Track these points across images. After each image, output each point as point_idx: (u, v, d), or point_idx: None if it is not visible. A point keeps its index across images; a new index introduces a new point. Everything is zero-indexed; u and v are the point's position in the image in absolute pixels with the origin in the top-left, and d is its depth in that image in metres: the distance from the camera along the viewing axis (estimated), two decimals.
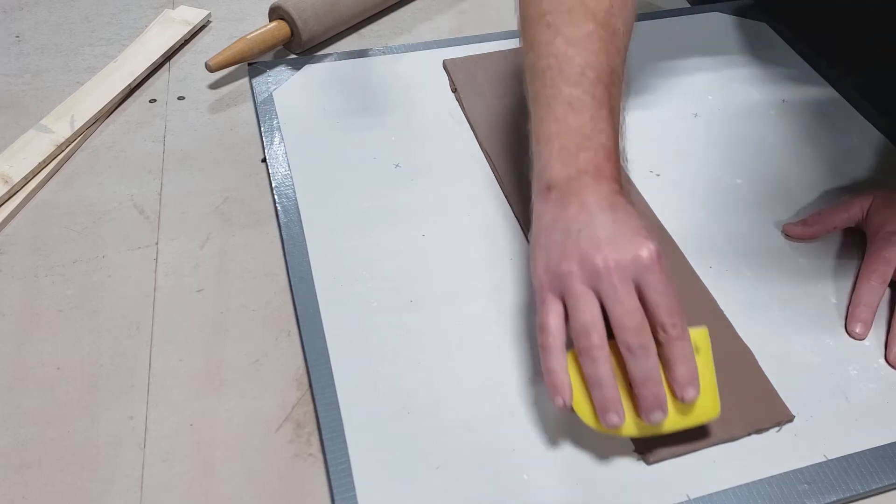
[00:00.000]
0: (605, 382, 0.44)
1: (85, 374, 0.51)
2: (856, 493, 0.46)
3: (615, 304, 0.44)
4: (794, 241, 0.60)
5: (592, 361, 0.44)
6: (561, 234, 0.47)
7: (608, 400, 0.44)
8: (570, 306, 0.45)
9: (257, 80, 0.74)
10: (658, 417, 0.44)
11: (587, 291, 0.45)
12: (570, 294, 0.45)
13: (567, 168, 0.49)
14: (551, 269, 0.46)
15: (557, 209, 0.48)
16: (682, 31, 0.82)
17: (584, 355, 0.45)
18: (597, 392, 0.44)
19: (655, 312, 0.44)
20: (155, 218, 0.62)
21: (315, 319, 0.54)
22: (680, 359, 0.44)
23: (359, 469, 0.46)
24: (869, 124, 0.71)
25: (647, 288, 0.44)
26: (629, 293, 0.44)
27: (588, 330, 0.44)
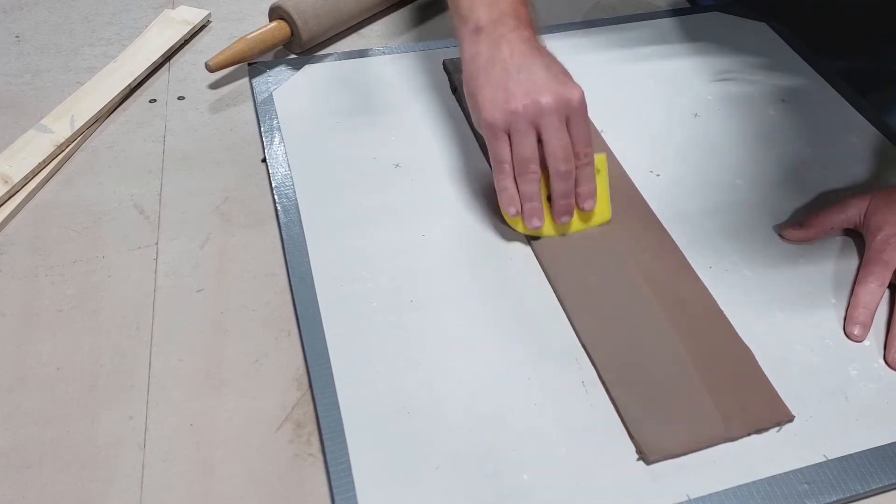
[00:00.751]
0: (535, 197, 0.57)
1: (85, 374, 0.51)
2: (856, 493, 0.46)
3: (553, 139, 0.56)
4: (792, 243, 0.60)
5: (528, 183, 0.57)
6: (500, 74, 0.56)
7: (535, 209, 0.58)
8: (515, 140, 0.56)
9: (257, 80, 0.74)
10: (566, 220, 0.59)
11: (530, 128, 0.56)
12: (516, 130, 0.56)
13: (491, 11, 0.58)
14: (499, 106, 0.56)
15: (491, 50, 0.57)
16: (682, 31, 0.82)
17: (522, 178, 0.57)
18: (527, 204, 0.57)
19: (575, 144, 0.57)
20: (155, 218, 0.62)
21: (315, 319, 0.54)
22: (584, 179, 0.58)
23: (359, 469, 0.46)
24: (869, 124, 0.71)
25: (572, 125, 0.56)
26: (563, 129, 0.56)
27: (529, 161, 0.56)
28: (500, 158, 0.57)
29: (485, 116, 0.56)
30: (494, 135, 0.56)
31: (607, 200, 0.60)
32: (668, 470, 0.47)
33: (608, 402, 0.50)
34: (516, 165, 0.56)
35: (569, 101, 0.55)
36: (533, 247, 0.59)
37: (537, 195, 0.57)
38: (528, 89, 0.55)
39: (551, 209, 0.58)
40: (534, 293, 0.56)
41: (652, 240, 0.60)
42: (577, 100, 0.56)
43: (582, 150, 0.57)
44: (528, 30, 0.58)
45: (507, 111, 0.55)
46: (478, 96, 0.57)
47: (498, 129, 0.56)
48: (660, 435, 0.48)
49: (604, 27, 0.82)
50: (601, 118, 0.70)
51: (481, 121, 0.57)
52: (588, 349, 0.53)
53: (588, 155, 0.57)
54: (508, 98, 0.55)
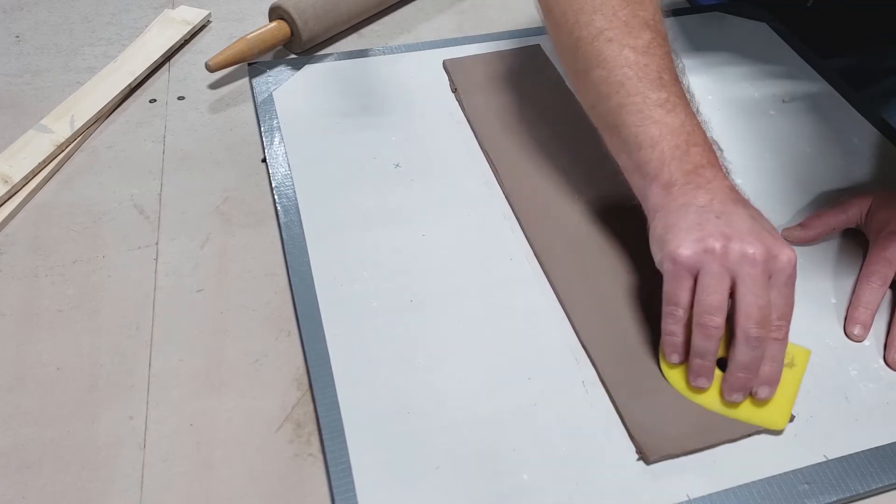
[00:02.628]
0: (709, 356, 0.48)
1: (85, 374, 0.51)
2: (856, 493, 0.46)
3: (750, 294, 0.47)
4: (793, 244, 0.60)
5: (707, 338, 0.47)
6: (697, 217, 0.49)
7: (705, 368, 0.48)
8: (703, 283, 0.47)
9: (257, 80, 0.74)
10: (738, 399, 0.48)
11: (724, 274, 0.47)
12: (707, 272, 0.47)
13: (683, 164, 0.51)
14: (692, 243, 0.47)
15: (685, 198, 0.50)
16: (682, 31, 0.82)
17: (702, 331, 0.47)
18: (697, 360, 0.48)
19: (774, 310, 0.47)
20: (155, 218, 0.62)
21: (315, 319, 0.54)
22: (770, 358, 0.48)
23: (359, 469, 0.46)
24: (869, 124, 0.71)
25: (774, 288, 0.47)
26: (765, 287, 0.47)
27: (714, 312, 0.47)
28: (676, 301, 0.48)
29: (671, 250, 0.48)
30: (677, 272, 0.48)
31: (790, 405, 0.49)
32: (668, 470, 0.47)
33: (608, 402, 0.50)
34: (697, 314, 0.47)
35: (778, 258, 0.47)
36: (533, 247, 0.59)
37: (713, 355, 0.48)
38: (729, 233, 0.47)
39: (723, 382, 0.49)
40: (534, 293, 0.56)
41: None
42: (786, 260, 0.47)
43: (777, 320, 0.47)
44: (728, 179, 0.51)
45: (700, 248, 0.47)
46: (667, 234, 0.49)
47: (682, 267, 0.47)
48: (660, 435, 0.48)
49: None
50: None
51: (666, 254, 0.48)
52: (588, 349, 0.53)
53: (782, 328, 0.48)
54: (705, 236, 0.47)
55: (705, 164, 0.51)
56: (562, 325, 0.54)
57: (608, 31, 0.54)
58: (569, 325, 0.54)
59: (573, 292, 0.56)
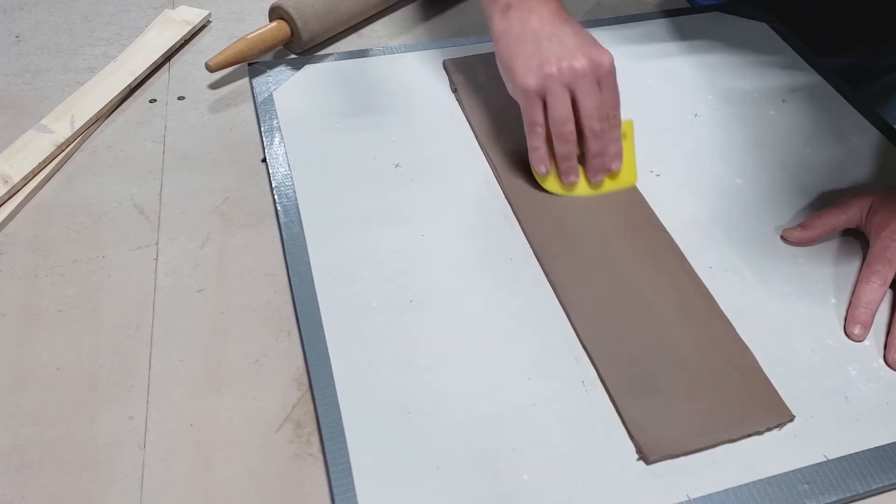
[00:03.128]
0: (572, 156, 0.60)
1: (85, 374, 0.51)
2: (856, 493, 0.47)
3: (587, 99, 0.58)
4: (795, 245, 0.60)
5: (566, 143, 0.60)
6: (532, 44, 0.59)
7: (572, 167, 0.61)
8: (551, 102, 0.58)
9: (257, 80, 0.74)
10: (600, 179, 0.62)
11: (564, 90, 0.58)
12: (552, 93, 0.58)
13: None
14: (534, 72, 0.58)
15: (521, 24, 0.60)
16: (682, 31, 0.82)
17: (560, 138, 0.59)
18: (565, 162, 0.61)
19: (606, 105, 0.59)
20: (155, 218, 0.62)
21: (315, 319, 0.54)
22: (613, 140, 0.61)
23: (359, 469, 0.46)
24: (869, 124, 0.71)
25: (604, 88, 0.59)
26: (597, 91, 0.59)
27: (565, 121, 0.59)
28: (534, 121, 0.59)
29: (520, 82, 0.58)
30: (529, 99, 0.59)
31: (633, 164, 0.63)
32: (668, 470, 0.47)
33: (608, 402, 0.50)
34: (553, 127, 0.59)
35: (600, 65, 0.58)
36: (533, 247, 0.59)
37: (574, 154, 0.60)
38: (561, 54, 0.58)
39: (585, 169, 0.61)
40: (534, 293, 0.56)
41: (652, 240, 0.60)
42: (607, 63, 0.59)
43: (611, 112, 0.59)
44: (556, 2, 0.62)
45: (542, 75, 0.58)
46: (512, 65, 0.59)
47: (532, 93, 0.58)
48: (660, 435, 0.48)
49: (604, 27, 0.82)
50: None
51: (516, 86, 0.59)
52: (588, 349, 0.53)
53: (617, 117, 0.60)
54: (542, 63, 0.58)
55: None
56: (562, 325, 0.54)
57: None
58: (569, 325, 0.54)
59: (573, 292, 0.56)
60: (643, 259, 0.58)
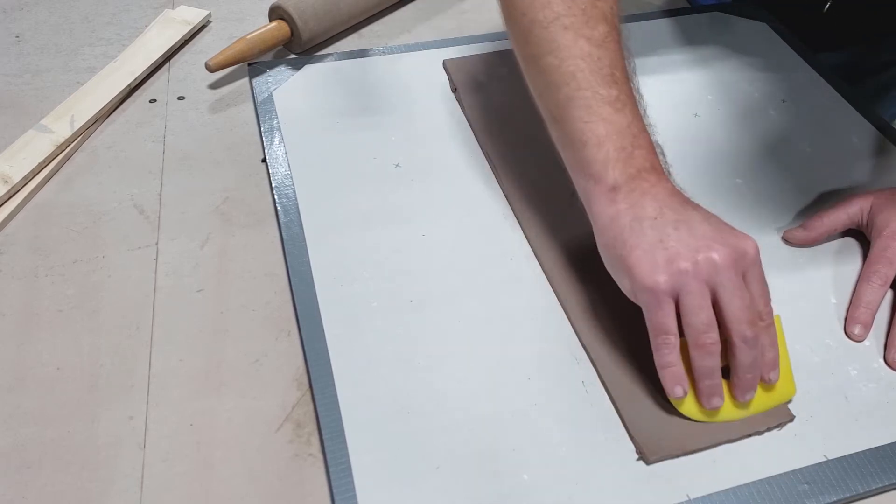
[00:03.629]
0: (716, 373, 0.48)
1: (85, 374, 0.51)
2: (856, 493, 0.47)
3: (734, 298, 0.47)
4: (796, 246, 0.60)
5: (709, 356, 0.47)
6: (654, 234, 0.48)
7: (716, 386, 0.48)
8: (687, 304, 0.47)
9: (257, 80, 0.74)
10: (751, 397, 0.49)
11: (704, 289, 0.47)
12: (688, 292, 0.47)
13: (627, 167, 0.50)
14: (662, 268, 0.47)
15: (633, 210, 0.49)
16: (682, 31, 0.82)
17: (702, 350, 0.47)
18: (707, 381, 0.48)
19: (756, 303, 0.48)
20: (155, 218, 0.62)
21: (315, 319, 0.54)
22: (769, 345, 0.49)
23: (359, 469, 0.46)
24: (869, 124, 0.71)
25: (750, 280, 0.48)
26: (744, 287, 0.47)
27: (708, 329, 0.47)
28: (666, 329, 0.47)
29: (645, 281, 0.47)
30: (658, 302, 0.47)
31: (790, 369, 0.51)
32: (668, 470, 0.47)
33: (608, 402, 0.50)
34: (692, 336, 0.47)
35: (745, 253, 0.47)
36: (533, 247, 0.59)
37: (718, 370, 0.48)
38: (695, 245, 0.47)
39: (730, 385, 0.49)
40: (534, 293, 0.56)
41: None
42: (752, 251, 0.48)
43: (764, 309, 0.48)
44: (670, 182, 0.51)
45: (673, 272, 0.46)
46: (630, 259, 0.48)
47: (663, 294, 0.47)
48: (660, 435, 0.48)
49: None
50: None
51: (639, 286, 0.47)
52: (588, 349, 0.53)
53: (770, 314, 0.49)
54: (672, 257, 0.47)
55: (648, 167, 0.50)
56: (562, 325, 0.54)
57: (565, 18, 0.52)
58: (569, 325, 0.54)
59: (573, 292, 0.56)
60: None
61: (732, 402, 0.49)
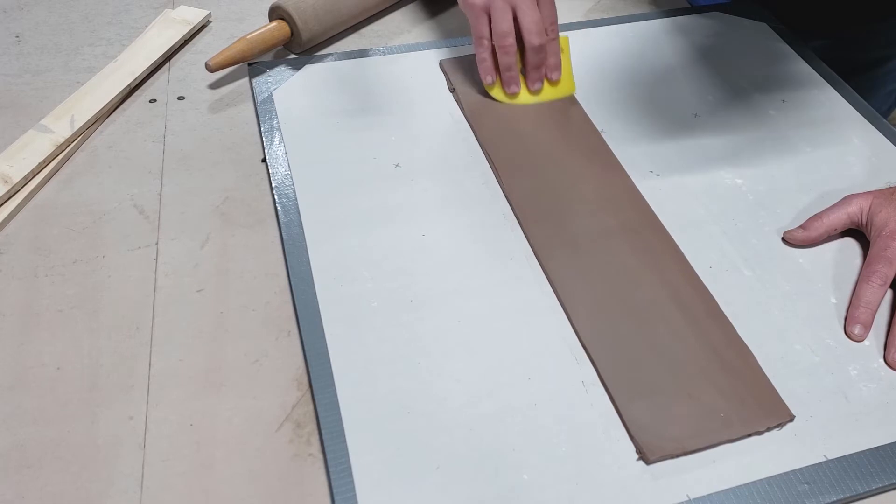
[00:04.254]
0: (513, 67, 0.69)
1: (85, 374, 0.51)
2: (856, 493, 0.47)
3: (526, 15, 0.66)
4: (796, 247, 0.60)
5: (507, 55, 0.68)
6: None
7: (513, 77, 0.69)
8: (494, 17, 0.66)
9: (257, 80, 0.74)
10: (539, 87, 0.70)
11: (506, 6, 0.66)
12: (495, 8, 0.66)
13: None
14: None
15: None
16: (682, 31, 0.82)
17: (502, 50, 0.68)
18: (507, 73, 0.69)
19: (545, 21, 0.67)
20: (155, 218, 0.62)
21: (315, 319, 0.54)
22: (552, 53, 0.69)
23: (359, 469, 0.46)
24: (869, 124, 0.71)
25: (542, 5, 0.67)
26: (535, 8, 0.67)
27: (507, 34, 0.67)
28: (480, 34, 0.68)
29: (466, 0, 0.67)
30: (475, 13, 0.67)
31: (571, 75, 0.72)
32: (668, 470, 0.47)
33: (608, 402, 0.50)
34: (495, 39, 0.67)
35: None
36: (533, 247, 0.59)
37: (514, 65, 0.68)
38: None
39: (525, 79, 0.70)
40: (534, 293, 0.56)
41: (652, 240, 0.60)
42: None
43: (550, 27, 0.68)
44: None
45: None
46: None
47: (478, 9, 0.67)
48: (660, 435, 0.48)
49: (604, 27, 0.82)
50: (601, 118, 0.70)
51: (463, 4, 0.68)
52: (588, 349, 0.53)
53: (555, 31, 0.69)
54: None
55: None
56: (562, 325, 0.54)
57: None
58: (569, 326, 0.54)
59: (573, 292, 0.56)
60: (643, 259, 0.58)
61: (527, 91, 0.70)
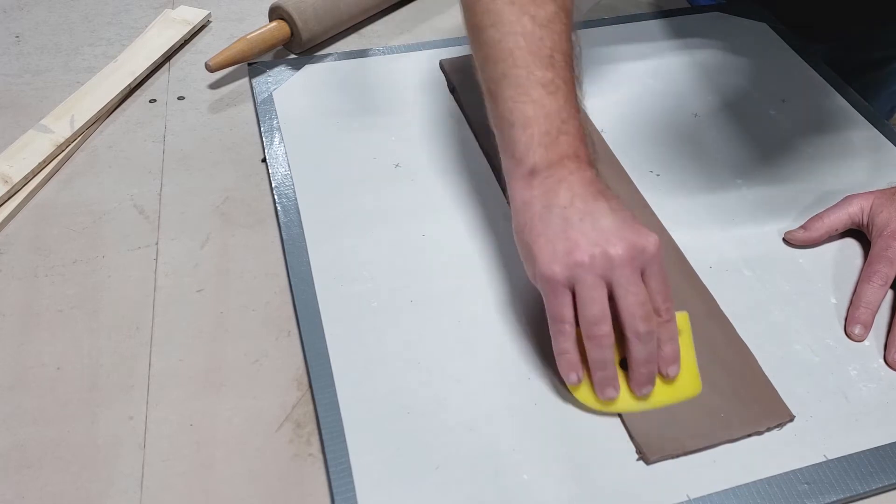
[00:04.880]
0: (609, 364, 0.48)
1: (85, 374, 0.51)
2: (856, 493, 0.46)
3: (628, 294, 0.47)
4: (797, 247, 0.60)
5: (600, 348, 0.48)
6: (560, 223, 0.48)
7: (609, 378, 0.49)
8: (582, 296, 0.47)
9: (257, 80, 0.74)
10: (649, 391, 0.49)
11: (599, 282, 0.47)
12: (583, 284, 0.47)
13: (549, 153, 0.50)
14: (561, 259, 0.47)
15: (546, 196, 0.49)
16: (683, 31, 0.82)
17: (593, 342, 0.48)
18: (600, 372, 0.48)
19: (654, 299, 0.48)
20: (155, 218, 0.62)
21: (315, 319, 0.54)
22: (667, 340, 0.49)
23: (359, 469, 0.46)
24: (869, 124, 0.71)
25: (649, 277, 0.48)
26: (640, 283, 0.48)
27: (599, 321, 0.47)
28: (561, 318, 0.48)
29: (543, 269, 0.48)
30: (554, 290, 0.48)
31: (694, 368, 0.51)
32: (668, 470, 0.47)
33: None
34: (584, 327, 0.48)
35: (644, 250, 0.47)
36: None
37: (611, 362, 0.48)
38: (595, 238, 0.47)
39: (628, 379, 0.49)
40: (534, 293, 0.56)
41: None
42: (652, 248, 0.48)
43: (662, 305, 0.49)
44: (590, 170, 0.50)
45: (570, 263, 0.47)
46: (534, 247, 0.48)
47: (559, 284, 0.47)
48: (660, 435, 0.48)
49: (604, 27, 0.82)
50: (601, 118, 0.70)
51: (538, 273, 0.48)
52: None
53: (669, 311, 0.49)
54: (571, 248, 0.47)
55: (571, 154, 0.50)
56: None
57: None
58: None
59: None
60: None
61: (630, 395, 0.49)
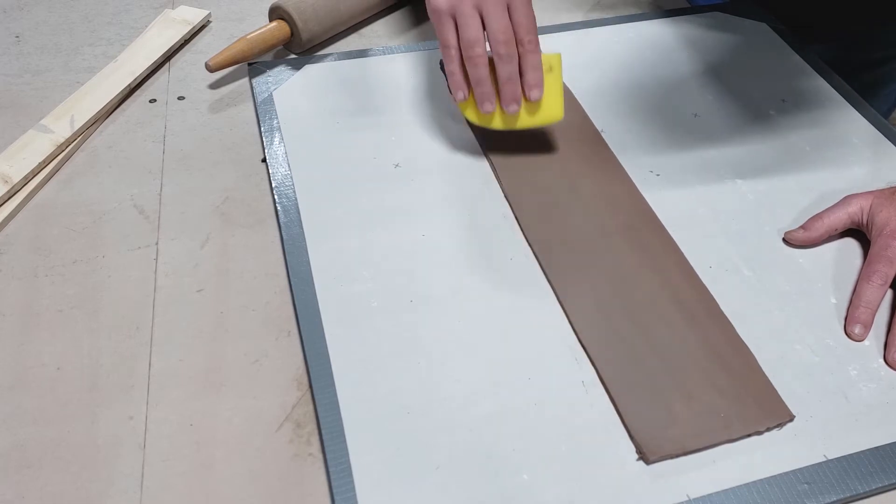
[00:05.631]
0: (484, 81, 0.59)
1: (85, 374, 0.51)
2: (856, 493, 0.47)
3: (492, 21, 0.58)
4: (797, 247, 0.60)
5: (475, 66, 0.59)
6: None
7: (485, 94, 0.60)
8: (460, 23, 0.59)
9: (257, 80, 0.74)
10: (514, 109, 0.60)
11: (473, 11, 0.58)
12: (461, 14, 0.58)
13: None
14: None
15: None
16: (682, 31, 0.82)
17: (470, 62, 0.59)
18: (478, 88, 0.60)
19: (517, 31, 0.59)
20: (155, 218, 0.62)
21: (315, 319, 0.54)
22: (530, 67, 0.59)
23: (359, 469, 0.46)
24: (869, 124, 0.71)
25: (513, 11, 0.59)
26: (503, 14, 0.58)
27: (474, 43, 0.58)
28: (446, 42, 0.60)
29: (430, 3, 0.59)
30: (440, 19, 0.59)
31: (560, 98, 0.61)
32: (668, 470, 0.47)
33: (608, 402, 0.50)
34: (464, 49, 0.59)
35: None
36: (533, 247, 0.59)
37: (486, 79, 0.59)
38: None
39: (500, 99, 0.60)
40: (534, 293, 0.56)
41: (652, 240, 0.60)
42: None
43: (524, 36, 0.58)
44: None
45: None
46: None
47: (443, 13, 0.59)
48: (660, 435, 0.48)
49: (604, 27, 0.82)
50: (601, 118, 0.70)
51: (428, 6, 0.60)
52: (588, 349, 0.53)
53: (532, 42, 0.59)
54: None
55: None
56: (562, 325, 0.54)
57: None
58: (569, 325, 0.54)
59: (573, 292, 0.56)
60: (643, 259, 0.58)
61: (502, 113, 0.60)
